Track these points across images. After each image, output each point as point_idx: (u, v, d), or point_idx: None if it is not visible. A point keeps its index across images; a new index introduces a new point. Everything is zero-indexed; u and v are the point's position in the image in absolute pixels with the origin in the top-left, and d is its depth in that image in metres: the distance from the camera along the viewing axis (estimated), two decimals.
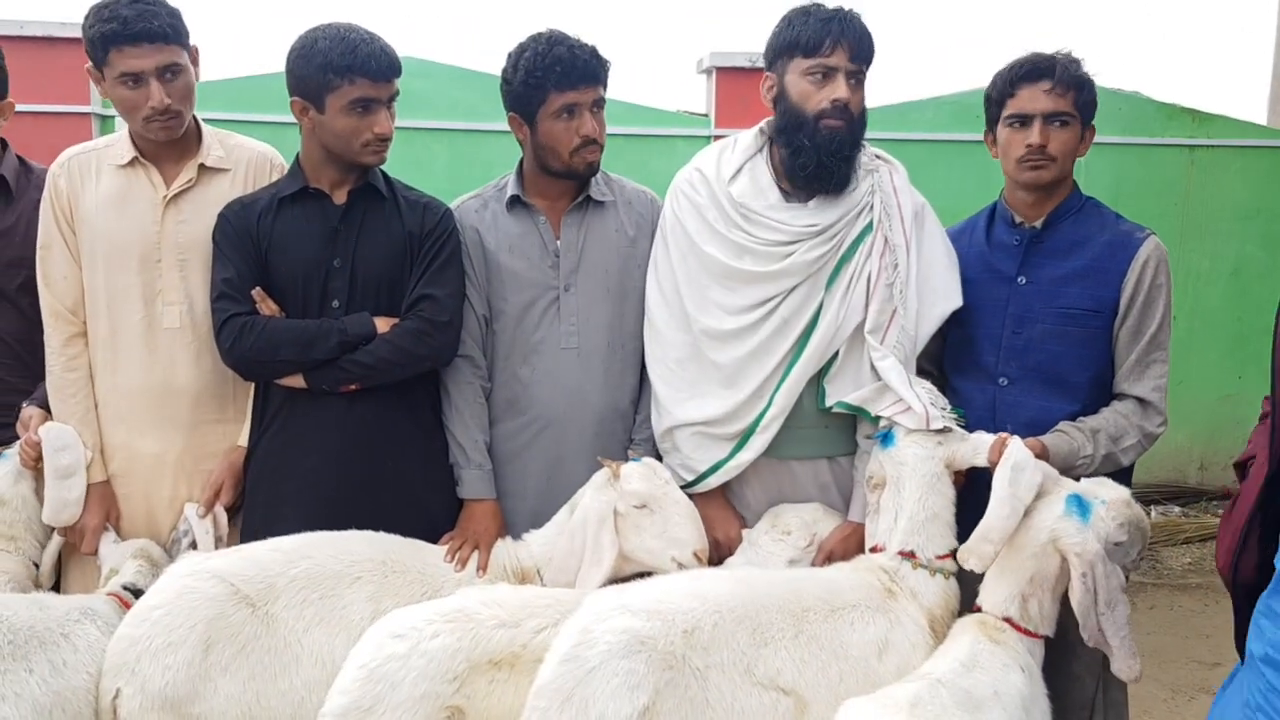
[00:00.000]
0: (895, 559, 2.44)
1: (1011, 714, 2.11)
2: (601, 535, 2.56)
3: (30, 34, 5.65)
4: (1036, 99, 2.69)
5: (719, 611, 2.17)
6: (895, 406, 2.58)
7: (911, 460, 2.50)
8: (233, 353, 2.69)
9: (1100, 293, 2.68)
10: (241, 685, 2.25)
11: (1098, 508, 2.33)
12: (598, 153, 2.81)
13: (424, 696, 2.10)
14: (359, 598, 2.40)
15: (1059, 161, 2.70)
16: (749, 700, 2.11)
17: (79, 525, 2.81)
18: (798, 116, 2.65)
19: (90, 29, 2.65)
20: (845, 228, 2.68)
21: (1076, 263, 2.72)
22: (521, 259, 2.86)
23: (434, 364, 2.80)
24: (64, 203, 2.79)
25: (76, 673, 2.27)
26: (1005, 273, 2.79)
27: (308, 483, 2.73)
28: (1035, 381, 2.72)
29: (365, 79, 2.62)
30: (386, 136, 2.70)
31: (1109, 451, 2.59)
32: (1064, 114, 2.68)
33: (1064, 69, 2.67)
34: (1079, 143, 2.74)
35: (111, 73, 2.67)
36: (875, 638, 2.29)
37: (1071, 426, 2.62)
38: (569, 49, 2.72)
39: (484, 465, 2.84)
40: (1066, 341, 2.70)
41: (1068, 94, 2.68)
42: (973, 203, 6.94)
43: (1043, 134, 2.68)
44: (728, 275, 2.71)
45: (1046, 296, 2.73)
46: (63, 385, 2.82)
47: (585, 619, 2.14)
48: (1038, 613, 2.33)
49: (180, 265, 2.80)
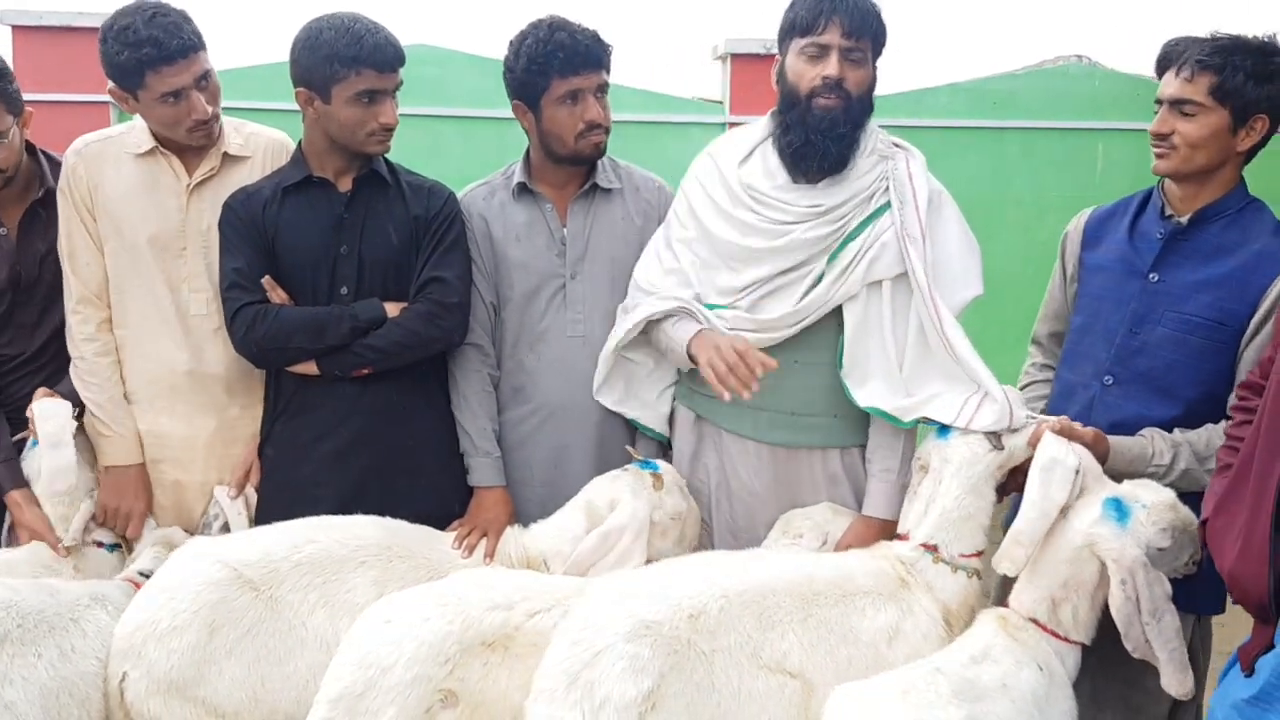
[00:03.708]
0: (917, 550, 2.40)
1: (1020, 708, 2.07)
2: (636, 544, 2.56)
3: (48, 24, 5.68)
4: (1167, 84, 2.51)
5: (726, 595, 2.16)
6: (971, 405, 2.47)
7: (958, 460, 2.42)
8: (246, 342, 2.70)
9: (1232, 306, 2.47)
10: (246, 669, 2.26)
11: (1137, 511, 2.22)
12: (603, 136, 2.81)
13: (415, 680, 2.10)
14: (363, 582, 2.41)
15: (1181, 151, 2.50)
16: (755, 684, 2.11)
17: (123, 509, 2.83)
18: (793, 96, 2.63)
19: (119, 55, 2.60)
20: (852, 210, 2.63)
21: (1217, 269, 2.51)
22: (528, 247, 2.87)
23: (445, 346, 2.81)
24: (83, 190, 2.80)
25: (85, 658, 2.28)
26: (1138, 267, 2.62)
27: (323, 467, 2.76)
28: (1142, 386, 2.57)
29: (371, 70, 2.62)
30: (391, 126, 2.71)
31: (1189, 467, 2.42)
32: (1187, 101, 2.47)
33: (1204, 52, 2.45)
34: (1216, 135, 2.47)
35: (149, 94, 2.65)
36: (886, 625, 2.27)
37: (1156, 432, 2.48)
38: (570, 34, 2.72)
39: (492, 453, 2.85)
40: (1184, 351, 2.51)
41: (1196, 79, 2.45)
42: (988, 190, 6.91)
43: (1164, 121, 2.52)
44: (733, 255, 2.67)
45: (1175, 299, 2.54)
46: (92, 370, 2.84)
47: (592, 603, 2.14)
48: (1070, 618, 2.25)
49: (204, 252, 2.82)
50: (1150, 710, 2.55)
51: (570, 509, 2.72)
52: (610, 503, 2.63)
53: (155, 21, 2.59)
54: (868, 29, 2.59)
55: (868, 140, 2.68)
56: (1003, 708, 2.06)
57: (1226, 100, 2.45)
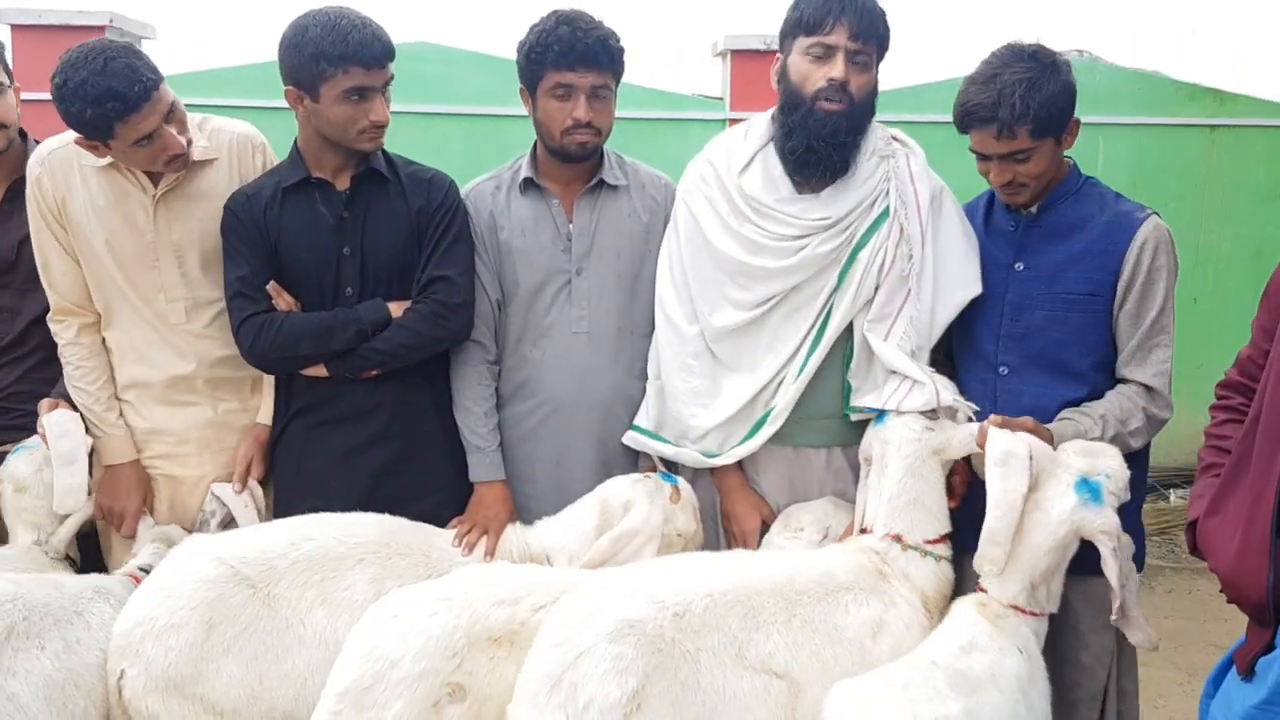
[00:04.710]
0: (884, 541, 2.41)
1: (1008, 696, 2.10)
2: (646, 550, 2.57)
3: (47, 22, 5.68)
4: (987, 143, 2.56)
5: (710, 595, 2.15)
6: (901, 390, 2.53)
7: (895, 440, 2.46)
8: (253, 351, 2.70)
9: (1097, 276, 2.60)
10: (244, 666, 2.26)
11: (1106, 484, 2.30)
12: (589, 137, 2.77)
13: (423, 674, 2.10)
14: (361, 580, 2.41)
15: (1031, 185, 2.61)
16: (741, 684, 2.09)
17: (117, 508, 2.83)
18: (796, 97, 2.61)
19: (84, 114, 2.50)
20: (858, 218, 2.63)
21: (1074, 246, 2.64)
22: (534, 242, 2.86)
23: (451, 344, 2.81)
24: (50, 201, 2.75)
25: (89, 650, 2.29)
26: (1002, 260, 2.72)
27: (333, 466, 2.77)
28: (1035, 369, 2.66)
29: (359, 67, 2.59)
30: (382, 123, 2.68)
31: (1117, 432, 2.52)
32: (1019, 152, 2.54)
33: (1009, 108, 2.47)
34: (1051, 156, 2.59)
35: (122, 143, 2.58)
36: (869, 619, 2.27)
37: (1077, 412, 2.57)
38: (572, 29, 2.70)
39: (489, 448, 2.84)
40: (1066, 327, 2.63)
41: (1019, 131, 2.50)
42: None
43: (1003, 170, 2.58)
44: (740, 271, 2.67)
45: (1045, 282, 2.65)
46: (80, 375, 2.83)
47: (574, 602, 2.14)
48: (1045, 595, 2.32)
49: (178, 262, 2.79)
50: (1086, 686, 2.62)
51: (583, 506, 2.71)
52: (625, 504, 2.63)
53: (110, 70, 2.48)
54: (874, 32, 2.57)
55: (868, 141, 2.67)
56: (993, 698, 2.08)
57: (1048, 133, 2.55)
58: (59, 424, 2.75)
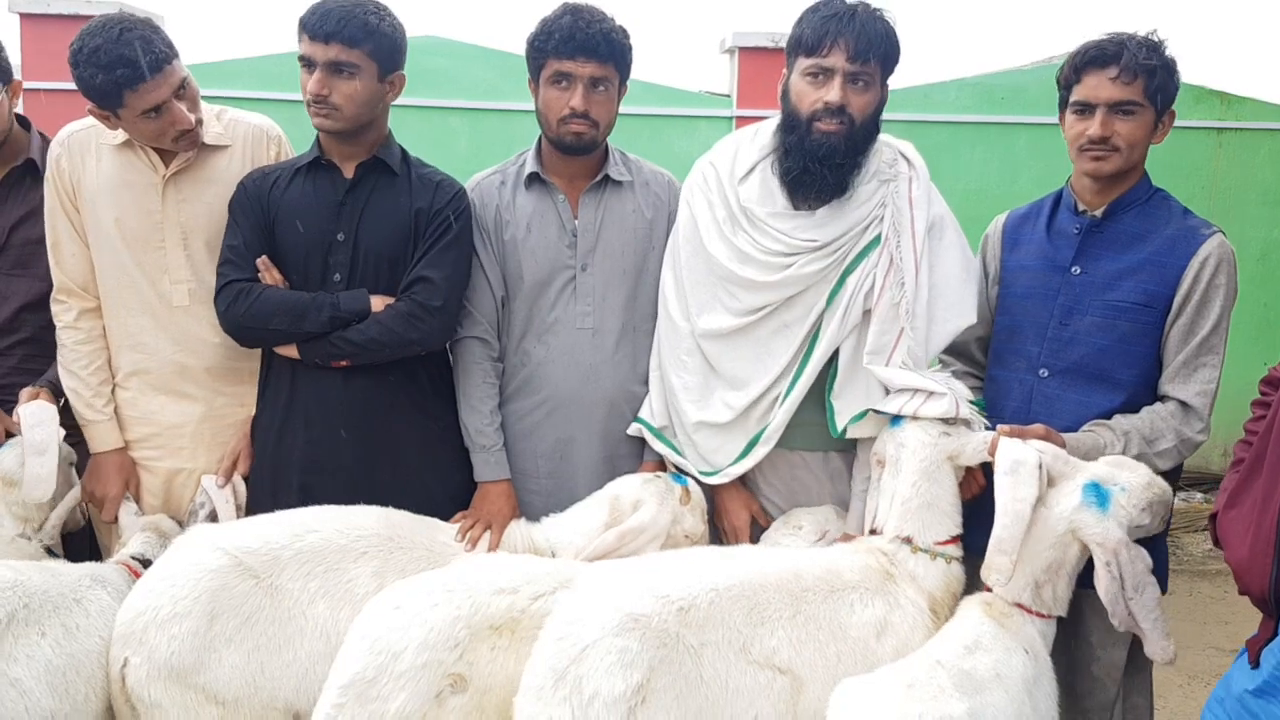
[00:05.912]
0: (894, 542, 2.41)
1: (1013, 696, 2.10)
2: (650, 548, 2.59)
3: (56, 11, 5.68)
4: (1101, 87, 2.55)
5: (715, 589, 2.15)
6: (916, 399, 2.49)
7: (912, 443, 2.46)
8: (226, 317, 2.71)
9: (1154, 288, 2.56)
10: (246, 656, 2.27)
11: (1117, 495, 2.29)
12: (585, 128, 2.76)
13: (426, 665, 2.11)
14: (364, 572, 2.41)
15: (1123, 152, 2.57)
16: (744, 679, 2.10)
17: (99, 493, 2.84)
18: (794, 117, 2.60)
19: (94, 79, 2.55)
20: (850, 242, 2.61)
21: (1135, 256, 2.60)
22: (539, 236, 2.86)
23: (423, 349, 2.77)
24: (66, 182, 2.79)
25: (89, 636, 2.31)
26: (1060, 262, 2.69)
27: (305, 455, 2.77)
28: (1077, 376, 2.63)
29: (306, 35, 2.63)
30: (318, 97, 2.64)
31: (1141, 452, 2.47)
32: (1129, 103, 2.54)
33: (1133, 54, 2.51)
34: (1149, 132, 2.60)
35: (130, 112, 2.61)
36: (874, 619, 2.27)
37: (1102, 425, 2.54)
38: (576, 19, 2.71)
39: (494, 447, 2.84)
40: (1113, 336, 2.59)
41: (1135, 81, 2.52)
42: (995, 185, 6.92)
43: (1105, 124, 2.55)
44: (729, 279, 2.67)
45: (1099, 289, 2.61)
46: (75, 359, 2.84)
47: (579, 596, 2.14)
48: (1051, 597, 2.31)
49: (184, 244, 2.81)
50: (1096, 696, 2.61)
51: (593, 503, 2.72)
52: (635, 503, 2.65)
53: (124, 39, 2.53)
54: (875, 51, 2.52)
55: (871, 162, 2.64)
56: (998, 698, 2.08)
57: (1155, 98, 2.56)
58: (33, 414, 2.75)
